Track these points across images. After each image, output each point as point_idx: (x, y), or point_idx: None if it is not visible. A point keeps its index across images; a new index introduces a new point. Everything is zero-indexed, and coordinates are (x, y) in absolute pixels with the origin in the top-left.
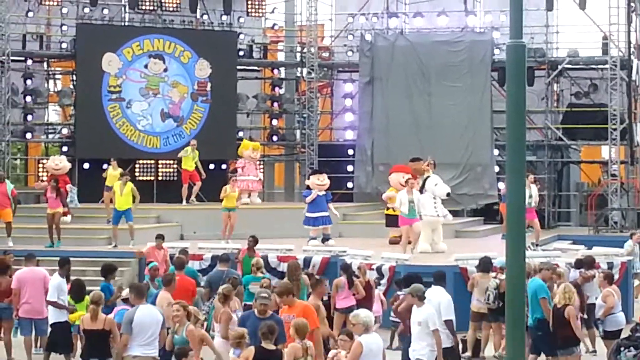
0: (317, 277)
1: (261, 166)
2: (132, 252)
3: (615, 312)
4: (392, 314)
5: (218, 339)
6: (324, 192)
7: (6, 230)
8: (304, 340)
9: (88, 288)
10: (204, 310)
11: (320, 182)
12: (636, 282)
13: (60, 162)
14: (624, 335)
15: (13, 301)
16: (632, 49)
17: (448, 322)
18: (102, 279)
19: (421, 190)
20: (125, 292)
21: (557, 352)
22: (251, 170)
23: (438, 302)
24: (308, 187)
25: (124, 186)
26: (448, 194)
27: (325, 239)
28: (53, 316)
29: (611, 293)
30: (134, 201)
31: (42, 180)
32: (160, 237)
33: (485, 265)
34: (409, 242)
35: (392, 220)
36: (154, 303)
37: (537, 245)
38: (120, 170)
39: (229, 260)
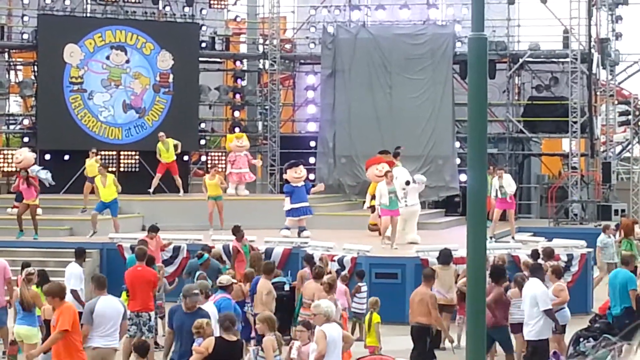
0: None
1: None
2: (94, 243)
3: (564, 307)
4: (354, 305)
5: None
6: (302, 182)
7: None
8: (275, 332)
9: (50, 278)
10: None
11: (297, 175)
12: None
13: (20, 155)
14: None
15: None
16: (592, 43)
17: (547, 312)
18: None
19: None
20: (226, 279)
21: None
22: (243, 163)
23: (534, 294)
24: (287, 181)
25: (104, 178)
26: (407, 182)
27: (301, 230)
28: None
29: (564, 287)
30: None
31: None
32: (154, 228)
33: (445, 257)
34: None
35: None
36: (254, 290)
37: (513, 238)
38: (95, 158)
39: (210, 250)
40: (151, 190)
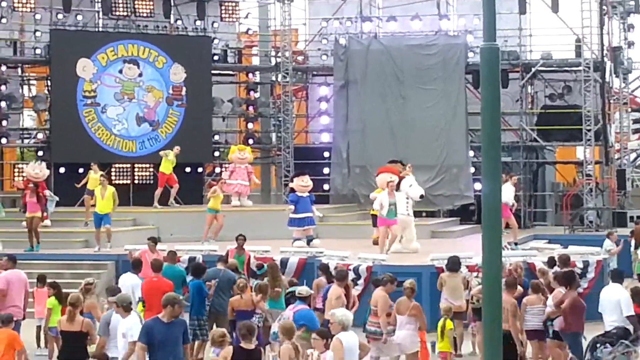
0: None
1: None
2: (110, 254)
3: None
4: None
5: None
6: (307, 194)
7: None
8: (292, 341)
9: (65, 290)
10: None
11: (304, 184)
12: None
13: (40, 171)
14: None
15: None
16: (605, 51)
17: (631, 318)
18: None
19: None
20: (305, 290)
21: None
22: (240, 175)
23: (618, 299)
24: (292, 190)
25: (104, 190)
26: (422, 196)
27: (309, 240)
28: None
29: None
30: (113, 205)
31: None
32: (152, 240)
33: (453, 264)
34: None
35: (377, 221)
36: (326, 296)
37: (515, 244)
38: (100, 173)
39: (227, 261)
40: (167, 203)
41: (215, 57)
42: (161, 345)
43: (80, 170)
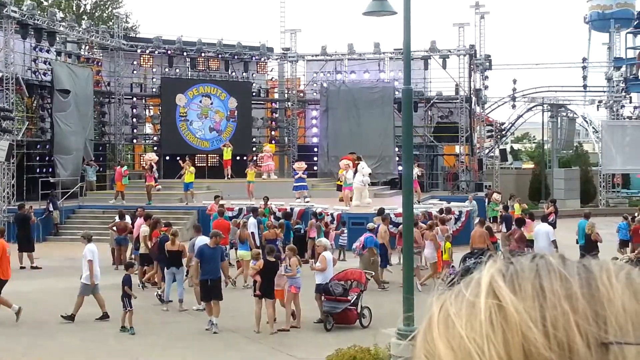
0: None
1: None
2: (194, 206)
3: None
4: (340, 241)
5: None
6: (302, 172)
7: (121, 194)
8: (297, 256)
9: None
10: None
11: (299, 166)
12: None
13: (151, 156)
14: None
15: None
16: (471, 91)
17: (553, 242)
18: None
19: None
20: (371, 225)
21: None
22: (268, 160)
23: (546, 231)
24: (294, 169)
25: (188, 168)
26: (370, 174)
27: (304, 197)
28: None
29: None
30: (194, 177)
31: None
32: (217, 197)
33: (380, 211)
34: (350, 200)
35: (340, 188)
36: (377, 230)
37: (418, 202)
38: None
39: (256, 210)
40: (228, 176)
41: (253, 94)
42: (207, 260)
43: (177, 158)
